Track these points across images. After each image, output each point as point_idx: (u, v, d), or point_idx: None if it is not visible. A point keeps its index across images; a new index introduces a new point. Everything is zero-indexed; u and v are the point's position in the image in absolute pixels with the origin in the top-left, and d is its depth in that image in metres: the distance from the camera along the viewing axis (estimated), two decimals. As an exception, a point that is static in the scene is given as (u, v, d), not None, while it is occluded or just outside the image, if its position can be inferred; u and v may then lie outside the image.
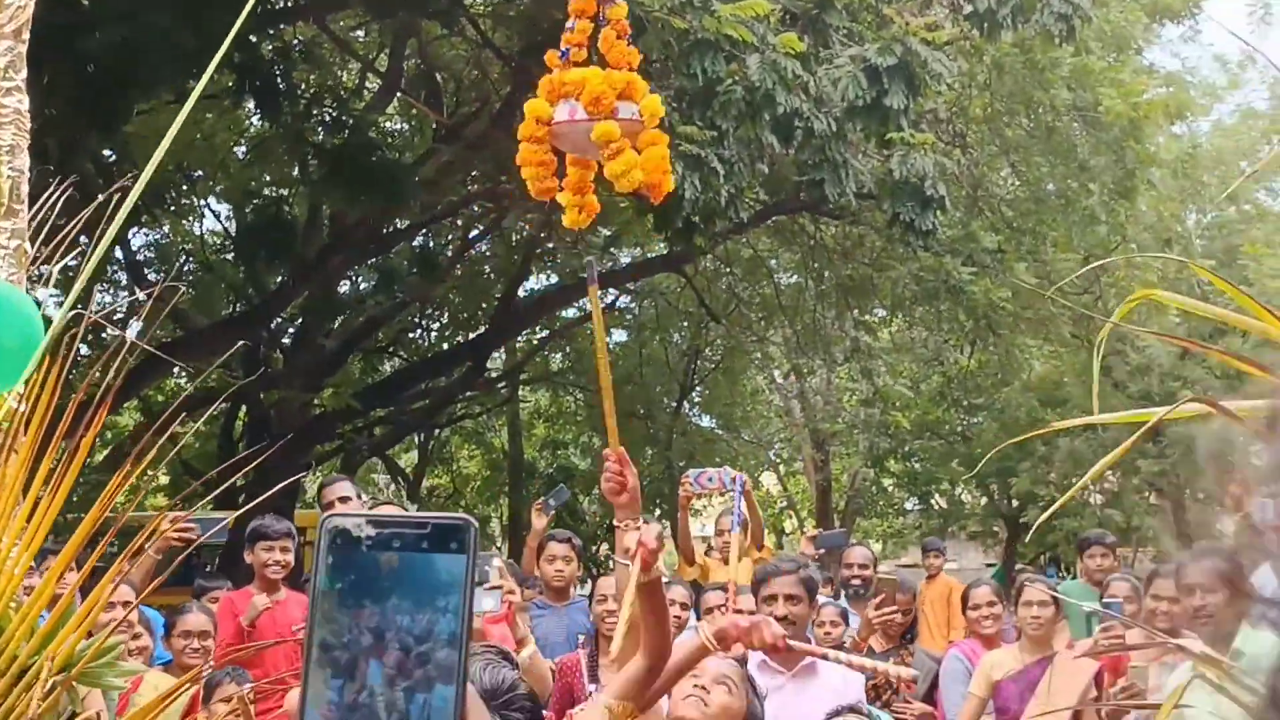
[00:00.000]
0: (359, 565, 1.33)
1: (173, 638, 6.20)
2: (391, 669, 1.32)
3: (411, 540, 1.34)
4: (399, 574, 1.33)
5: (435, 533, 1.35)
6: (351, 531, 1.34)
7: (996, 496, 35.29)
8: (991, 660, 6.86)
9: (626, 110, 4.16)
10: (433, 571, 1.34)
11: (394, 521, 1.35)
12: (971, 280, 16.63)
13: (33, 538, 2.68)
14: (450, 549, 1.34)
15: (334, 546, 1.34)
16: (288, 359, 19.90)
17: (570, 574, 7.51)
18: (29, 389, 2.74)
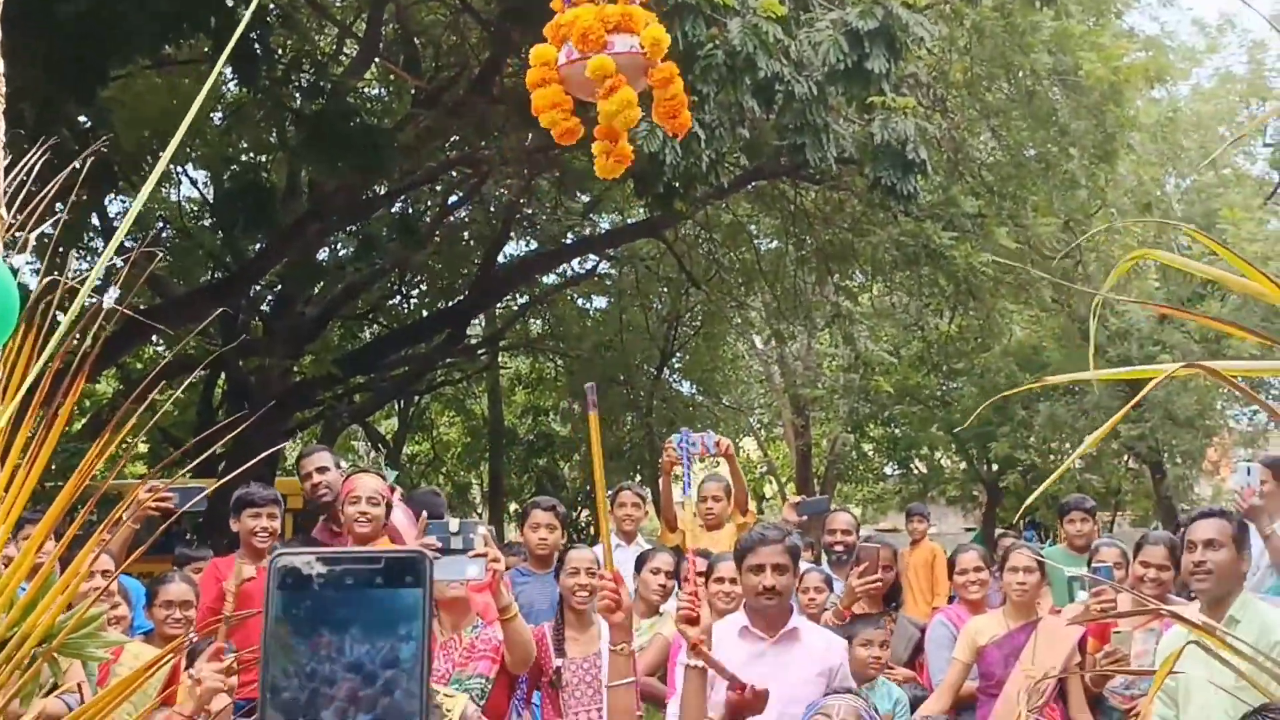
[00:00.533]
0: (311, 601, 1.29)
1: (154, 607, 6.16)
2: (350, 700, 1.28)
3: (365, 577, 1.30)
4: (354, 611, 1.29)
5: (389, 568, 1.31)
6: (301, 570, 1.30)
7: (976, 461, 35.41)
8: (976, 625, 6.87)
9: (624, 43, 4.04)
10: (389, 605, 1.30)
11: (346, 558, 1.31)
12: (952, 245, 16.62)
13: (10, 508, 2.65)
14: (406, 583, 1.31)
15: (284, 586, 1.30)
16: (267, 326, 19.83)
17: (554, 542, 7.49)
18: (4, 358, 2.70)
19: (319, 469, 7.51)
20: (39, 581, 2.64)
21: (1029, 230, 18.23)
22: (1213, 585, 5.15)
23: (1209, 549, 5.18)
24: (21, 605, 2.62)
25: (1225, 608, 5.09)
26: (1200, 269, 2.57)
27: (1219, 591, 5.14)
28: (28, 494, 2.65)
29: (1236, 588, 5.22)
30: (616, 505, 8.82)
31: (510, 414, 32.23)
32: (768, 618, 5.41)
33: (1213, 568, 5.14)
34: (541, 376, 31.76)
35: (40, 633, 2.62)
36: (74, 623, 2.71)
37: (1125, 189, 19.37)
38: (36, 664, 2.65)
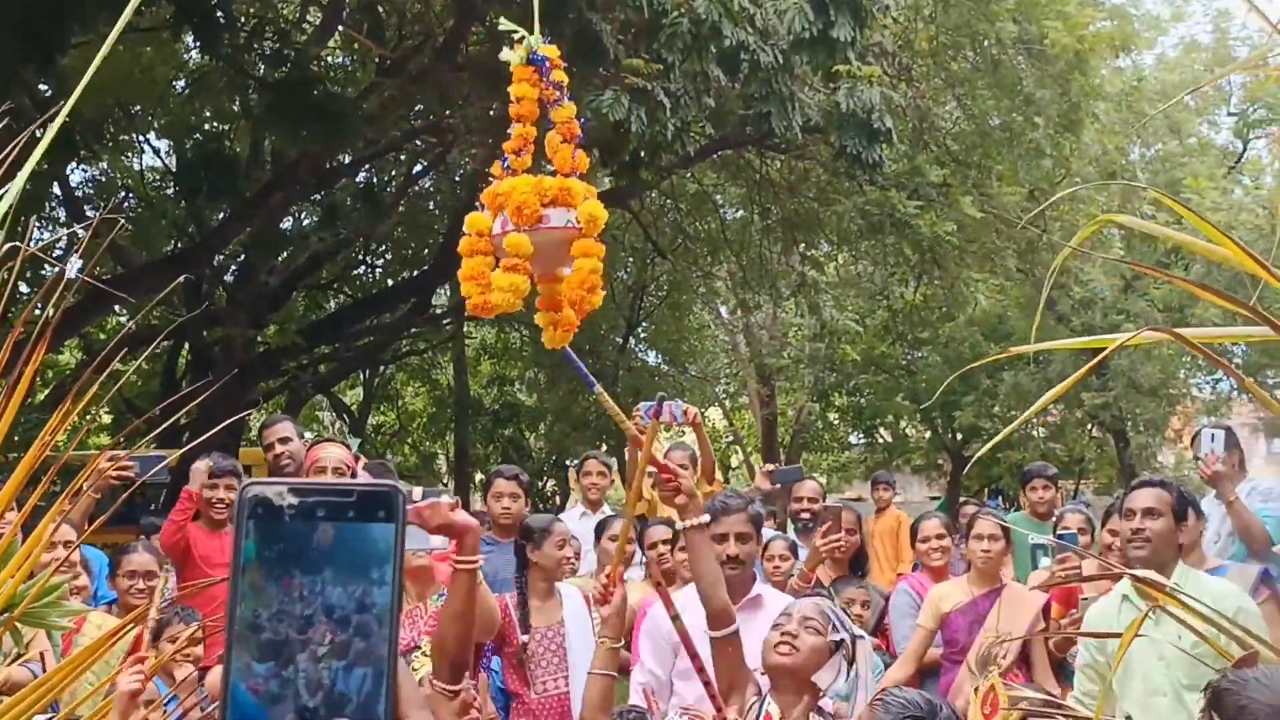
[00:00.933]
0: (284, 535, 1.28)
1: (118, 577, 6.14)
2: (322, 644, 1.26)
3: (337, 509, 1.28)
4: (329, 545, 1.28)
5: (362, 501, 1.29)
6: (273, 500, 1.28)
7: (941, 430, 35.53)
8: (940, 592, 6.90)
9: (560, 217, 4.05)
10: (362, 542, 1.28)
11: (318, 489, 1.29)
12: (917, 214, 16.64)
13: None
14: (379, 518, 1.29)
15: (255, 516, 1.28)
16: (230, 295, 19.73)
17: (517, 511, 7.47)
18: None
19: (281, 439, 7.47)
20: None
21: (994, 199, 18.26)
22: (1149, 553, 5.17)
23: (1147, 517, 5.21)
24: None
25: (1163, 577, 5.07)
26: (1166, 233, 2.58)
27: (1155, 560, 5.15)
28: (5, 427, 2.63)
29: (1173, 558, 5.26)
30: (582, 474, 8.84)
31: (476, 384, 32.19)
32: (731, 586, 5.41)
33: (1150, 535, 5.18)
34: (507, 346, 31.70)
35: (1, 602, 2.61)
36: (35, 592, 2.69)
37: (1090, 158, 19.43)
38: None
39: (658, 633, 5.40)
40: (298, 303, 22.15)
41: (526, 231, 3.98)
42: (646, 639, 5.49)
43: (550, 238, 4.02)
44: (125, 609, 6.06)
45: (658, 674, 5.41)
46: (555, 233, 4.02)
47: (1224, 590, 5.11)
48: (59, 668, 2.78)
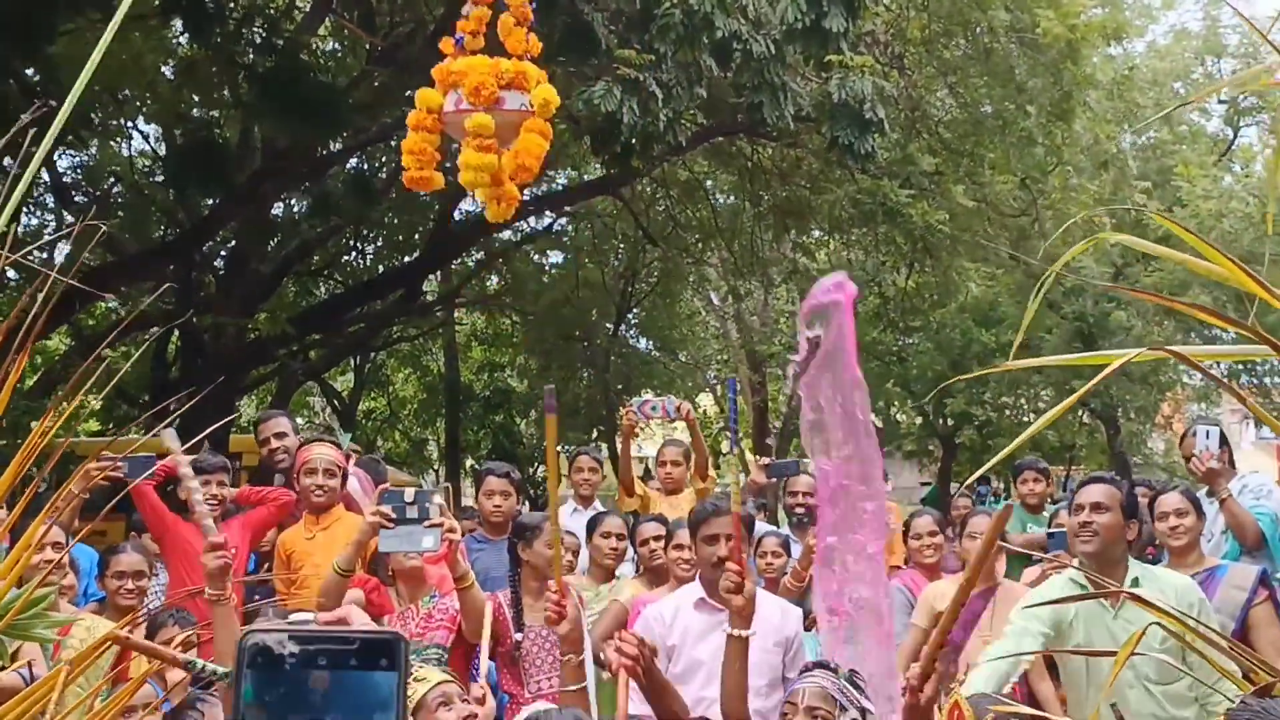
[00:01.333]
0: (284, 682, 1.26)
1: (106, 578, 6.11)
2: None
3: (338, 657, 1.27)
4: (328, 693, 1.26)
5: (364, 649, 1.28)
6: (273, 649, 1.26)
7: (932, 416, 35.59)
8: (935, 591, 6.90)
9: (515, 100, 4.03)
10: (364, 689, 1.27)
11: (319, 638, 1.27)
12: (909, 203, 16.62)
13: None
14: (381, 666, 1.28)
15: (254, 665, 1.27)
16: (220, 284, 19.66)
17: (508, 509, 7.46)
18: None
19: (277, 434, 7.50)
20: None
21: (986, 188, 18.25)
22: (1097, 547, 5.30)
23: (1095, 511, 5.33)
24: (-33, 587, 2.58)
25: (1114, 572, 5.28)
26: (1165, 253, 2.55)
27: (1104, 555, 5.30)
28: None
29: (1123, 554, 5.38)
30: (573, 470, 8.84)
31: (467, 370, 32.18)
32: None
33: (1098, 529, 5.30)
34: (498, 333, 31.69)
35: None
36: (21, 603, 2.66)
37: (1081, 146, 19.41)
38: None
39: (651, 635, 5.38)
40: (288, 289, 22.07)
41: (474, 110, 3.96)
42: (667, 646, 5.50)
43: (506, 119, 4.01)
44: (114, 609, 6.04)
45: None
46: (511, 115, 4.01)
47: (1184, 584, 5.28)
48: (47, 677, 2.76)
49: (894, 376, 33.98)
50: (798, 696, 4.38)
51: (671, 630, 5.42)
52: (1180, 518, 6.29)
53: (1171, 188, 24.98)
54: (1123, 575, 5.27)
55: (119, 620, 5.85)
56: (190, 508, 4.40)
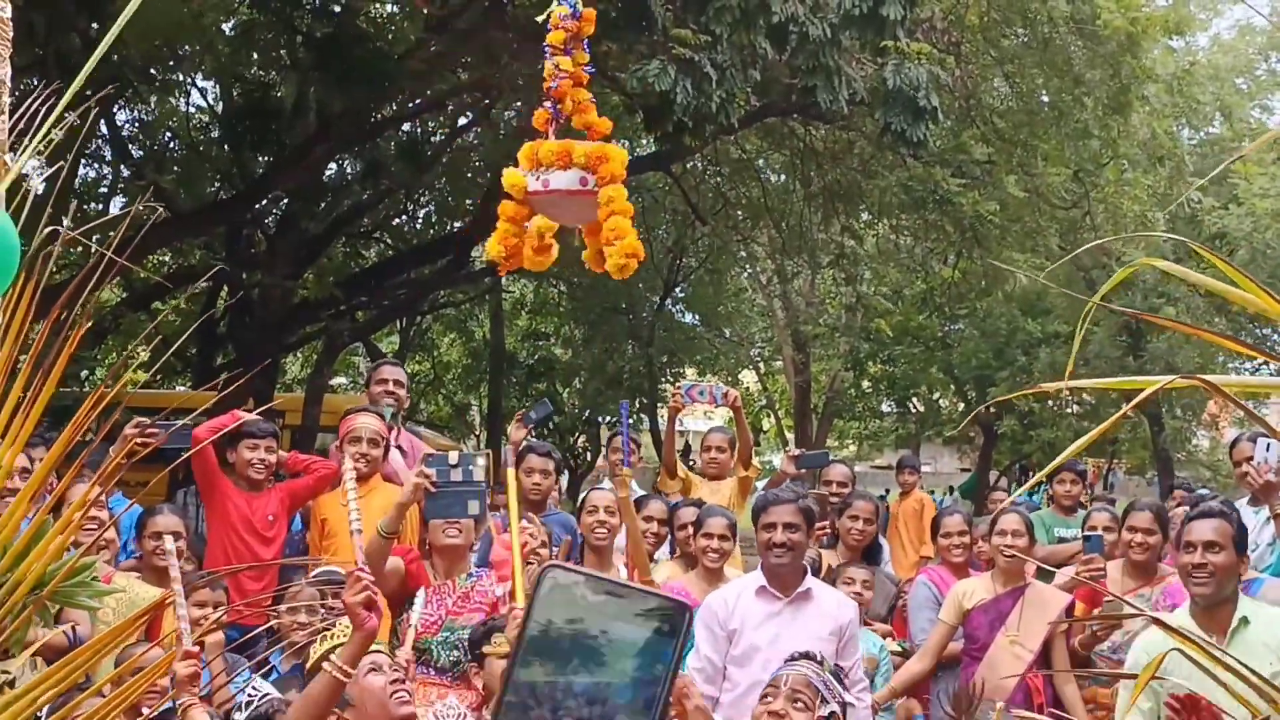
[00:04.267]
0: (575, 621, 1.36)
1: (143, 538, 6.18)
2: None
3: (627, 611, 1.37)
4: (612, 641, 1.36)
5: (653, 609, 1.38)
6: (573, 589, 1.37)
7: (974, 403, 35.46)
8: (963, 589, 6.91)
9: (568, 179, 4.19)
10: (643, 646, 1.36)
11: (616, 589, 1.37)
12: (960, 192, 16.56)
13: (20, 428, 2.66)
14: (662, 631, 1.38)
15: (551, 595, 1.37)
16: (270, 243, 19.78)
17: (547, 487, 7.54)
18: (3, 307, 2.70)
19: (396, 380, 7.74)
20: (32, 530, 2.67)
21: (1038, 179, 18.15)
22: (1214, 589, 4.99)
23: (1209, 551, 5.03)
24: (14, 553, 2.65)
25: (1223, 611, 4.98)
26: (1200, 280, 2.57)
27: (1219, 595, 5.00)
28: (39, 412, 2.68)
29: (1235, 591, 5.08)
30: (610, 450, 8.88)
31: (512, 337, 32.25)
32: (783, 578, 5.59)
33: (1214, 570, 4.99)
34: (545, 301, 31.75)
35: (32, 580, 2.65)
36: (65, 571, 2.73)
37: (1138, 141, 19.25)
38: (27, 611, 2.68)
39: (714, 620, 5.51)
40: (337, 251, 22.17)
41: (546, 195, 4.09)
42: (702, 626, 5.59)
43: (573, 200, 4.15)
44: (150, 570, 6.11)
45: (713, 659, 5.51)
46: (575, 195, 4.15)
47: None
48: (88, 644, 2.83)
49: (938, 362, 33.90)
50: (781, 680, 4.45)
51: (733, 615, 5.57)
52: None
53: (1229, 184, 24.76)
54: (1231, 613, 4.93)
55: (154, 580, 5.94)
56: None
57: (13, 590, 2.62)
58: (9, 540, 2.64)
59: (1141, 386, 2.46)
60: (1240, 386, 2.56)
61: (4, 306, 2.69)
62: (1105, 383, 2.67)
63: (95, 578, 2.98)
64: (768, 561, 5.59)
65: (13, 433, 2.62)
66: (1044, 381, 17.60)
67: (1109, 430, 2.62)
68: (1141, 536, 6.81)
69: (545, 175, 4.18)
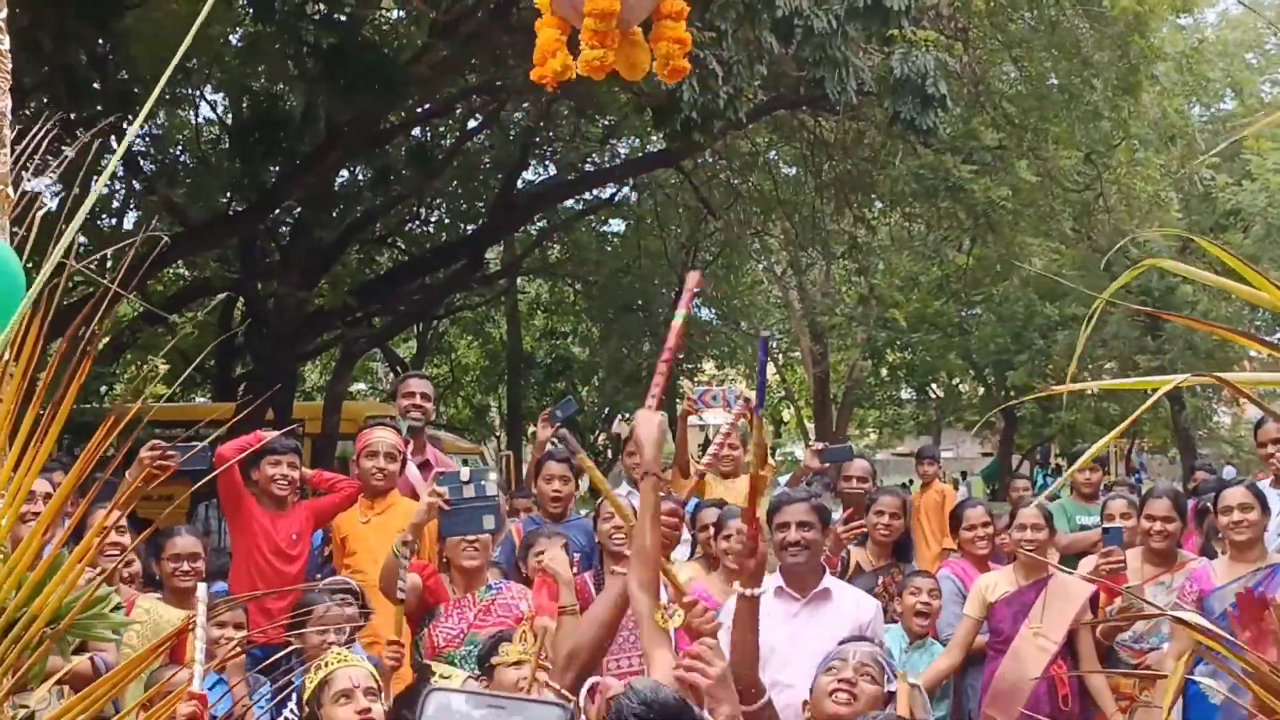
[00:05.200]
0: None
1: (162, 560, 6.18)
2: None
3: None
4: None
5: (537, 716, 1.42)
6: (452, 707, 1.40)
7: (994, 388, 35.44)
8: (986, 582, 6.88)
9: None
10: None
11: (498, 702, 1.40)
12: (971, 178, 16.52)
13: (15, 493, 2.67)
14: None
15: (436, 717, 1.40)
16: (283, 252, 19.82)
17: (567, 494, 7.52)
18: (11, 342, 2.71)
19: (424, 394, 7.70)
20: (46, 563, 2.67)
21: (1049, 163, 18.10)
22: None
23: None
24: (30, 585, 2.65)
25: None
26: (1208, 278, 2.56)
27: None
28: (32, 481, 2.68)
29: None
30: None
31: (529, 338, 32.28)
32: (800, 578, 5.56)
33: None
34: (560, 301, 31.78)
35: (48, 613, 2.65)
36: (81, 604, 2.73)
37: (1149, 120, 19.18)
38: (45, 645, 2.69)
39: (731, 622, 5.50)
40: (350, 258, 22.20)
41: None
42: (724, 631, 5.56)
43: None
44: (170, 592, 6.11)
45: None
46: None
47: None
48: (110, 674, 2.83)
49: (955, 348, 33.84)
50: (848, 654, 4.46)
51: None
52: (1244, 513, 6.28)
53: (1241, 160, 24.66)
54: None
55: (175, 602, 5.94)
56: None
57: (30, 624, 2.62)
58: (25, 572, 2.65)
59: (1157, 386, 2.45)
60: (1255, 383, 2.55)
61: (15, 334, 2.69)
62: (1122, 384, 2.66)
63: (119, 605, 2.98)
64: (783, 561, 5.56)
65: (27, 459, 2.63)
66: (1063, 364, 17.66)
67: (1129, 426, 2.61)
68: (1160, 524, 6.78)
69: None
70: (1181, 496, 7.33)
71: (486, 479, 5.73)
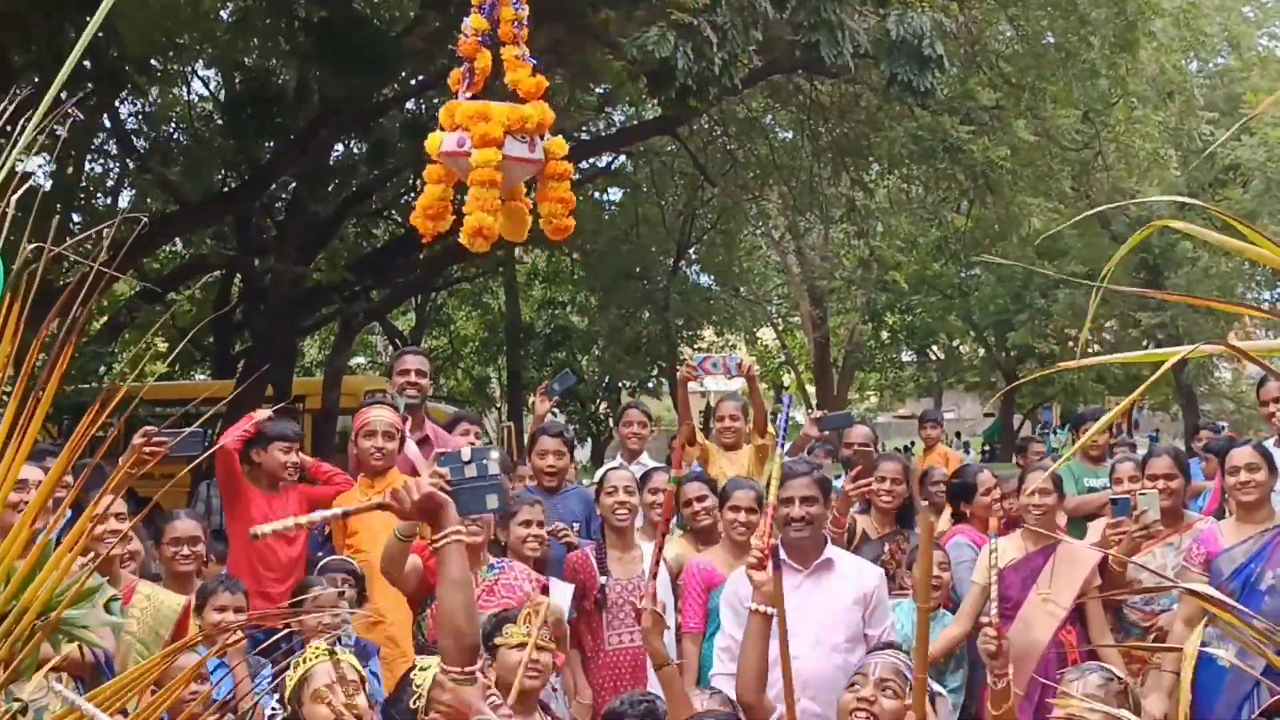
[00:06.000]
0: None
1: (162, 545, 6.15)
2: None
3: None
4: None
5: None
6: None
7: (994, 349, 35.40)
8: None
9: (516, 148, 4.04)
10: None
11: None
12: (969, 139, 16.44)
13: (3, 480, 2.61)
14: None
15: None
16: (279, 228, 19.74)
17: (562, 467, 7.52)
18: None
19: (418, 370, 7.65)
20: (37, 551, 2.61)
21: (1047, 122, 18.01)
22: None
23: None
24: (19, 578, 2.59)
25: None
26: (1212, 237, 2.50)
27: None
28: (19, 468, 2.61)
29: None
30: (623, 423, 8.85)
31: (527, 308, 32.23)
32: (802, 549, 5.54)
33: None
34: (558, 270, 31.71)
35: (39, 606, 2.59)
36: (72, 595, 2.67)
37: (1146, 77, 19.07)
38: (36, 637, 2.63)
39: (735, 598, 5.46)
40: (347, 232, 22.11)
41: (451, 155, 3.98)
42: (726, 606, 5.56)
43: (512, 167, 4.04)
44: (171, 576, 6.08)
45: (737, 638, 5.45)
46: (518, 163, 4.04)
47: None
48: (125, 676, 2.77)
49: (955, 310, 33.81)
50: (869, 669, 4.42)
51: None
52: (1251, 473, 6.25)
53: (1239, 115, 24.55)
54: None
55: (175, 587, 5.90)
56: None
57: (20, 616, 2.56)
58: (13, 563, 2.59)
59: (1164, 358, 2.40)
60: (1268, 351, 2.50)
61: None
62: (1129, 357, 2.61)
63: (115, 597, 2.92)
64: (786, 536, 5.51)
65: (13, 445, 2.57)
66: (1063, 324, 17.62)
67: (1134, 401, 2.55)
68: (1163, 483, 6.75)
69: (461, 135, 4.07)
70: (1183, 455, 7.31)
71: (488, 458, 5.66)
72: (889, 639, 5.44)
